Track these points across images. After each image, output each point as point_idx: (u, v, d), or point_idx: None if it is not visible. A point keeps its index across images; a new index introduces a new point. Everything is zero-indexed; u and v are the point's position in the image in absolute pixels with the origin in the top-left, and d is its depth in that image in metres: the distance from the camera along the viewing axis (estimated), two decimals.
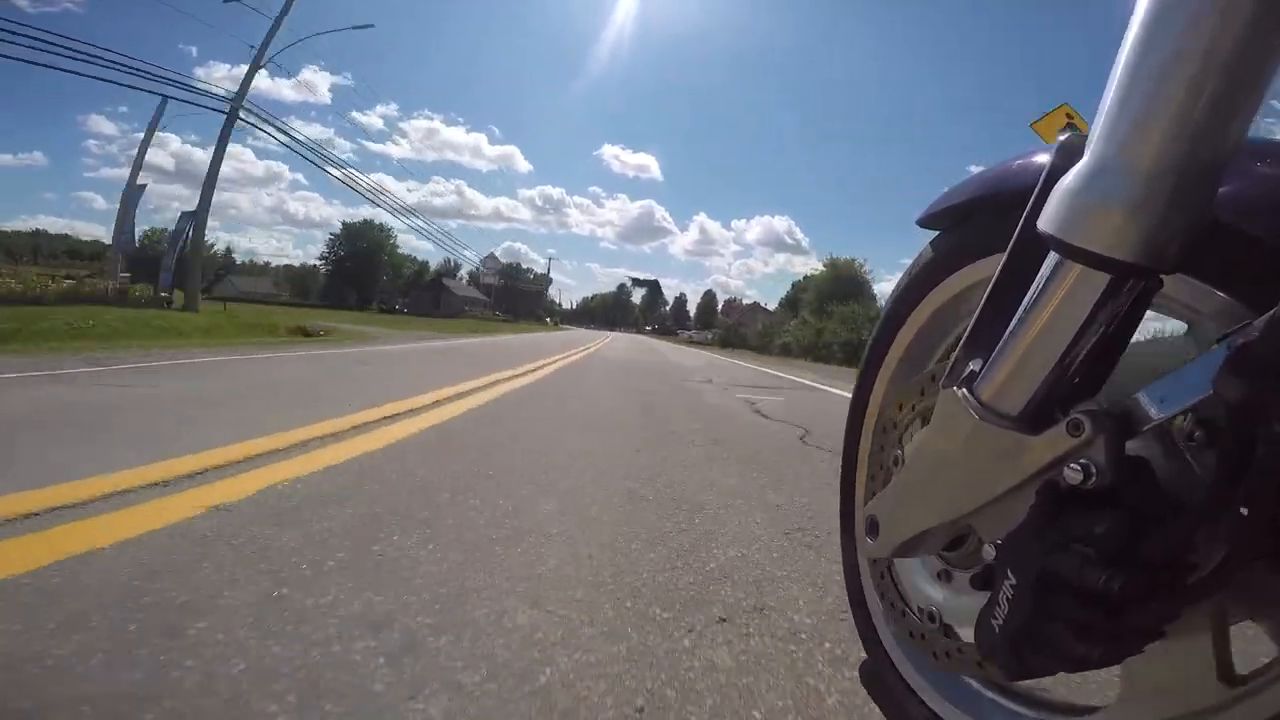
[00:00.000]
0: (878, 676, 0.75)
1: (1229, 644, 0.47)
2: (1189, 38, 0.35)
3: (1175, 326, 0.51)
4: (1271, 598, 0.43)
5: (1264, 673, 0.45)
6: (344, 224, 72.07)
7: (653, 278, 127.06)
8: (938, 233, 0.73)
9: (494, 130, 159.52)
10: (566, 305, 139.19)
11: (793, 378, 9.39)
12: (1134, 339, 0.45)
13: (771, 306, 75.99)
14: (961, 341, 0.54)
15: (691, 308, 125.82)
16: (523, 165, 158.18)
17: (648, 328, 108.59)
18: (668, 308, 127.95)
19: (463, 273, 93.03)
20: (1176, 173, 0.37)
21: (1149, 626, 0.40)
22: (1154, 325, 0.50)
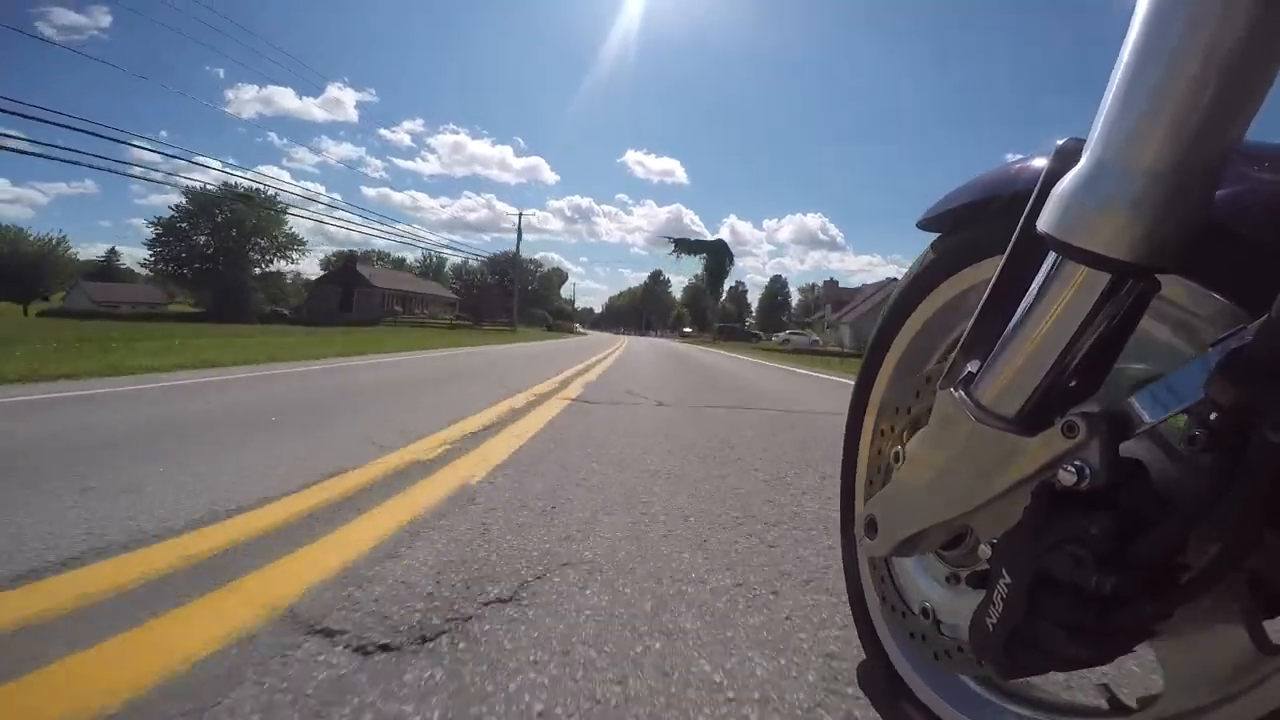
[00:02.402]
0: (875, 675, 0.75)
1: (1259, 616, 0.45)
2: (1188, 40, 0.36)
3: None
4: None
5: None
6: (188, 194, 43.31)
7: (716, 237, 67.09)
8: (938, 235, 0.73)
9: (519, 142, 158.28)
10: (596, 309, 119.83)
11: None
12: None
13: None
14: (960, 343, 0.54)
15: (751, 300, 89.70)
16: (549, 176, 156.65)
17: (687, 329, 71.53)
18: (723, 300, 78.28)
19: (448, 267, 75.12)
20: (1175, 174, 0.38)
21: (1141, 626, 0.41)
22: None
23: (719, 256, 52.74)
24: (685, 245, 53.91)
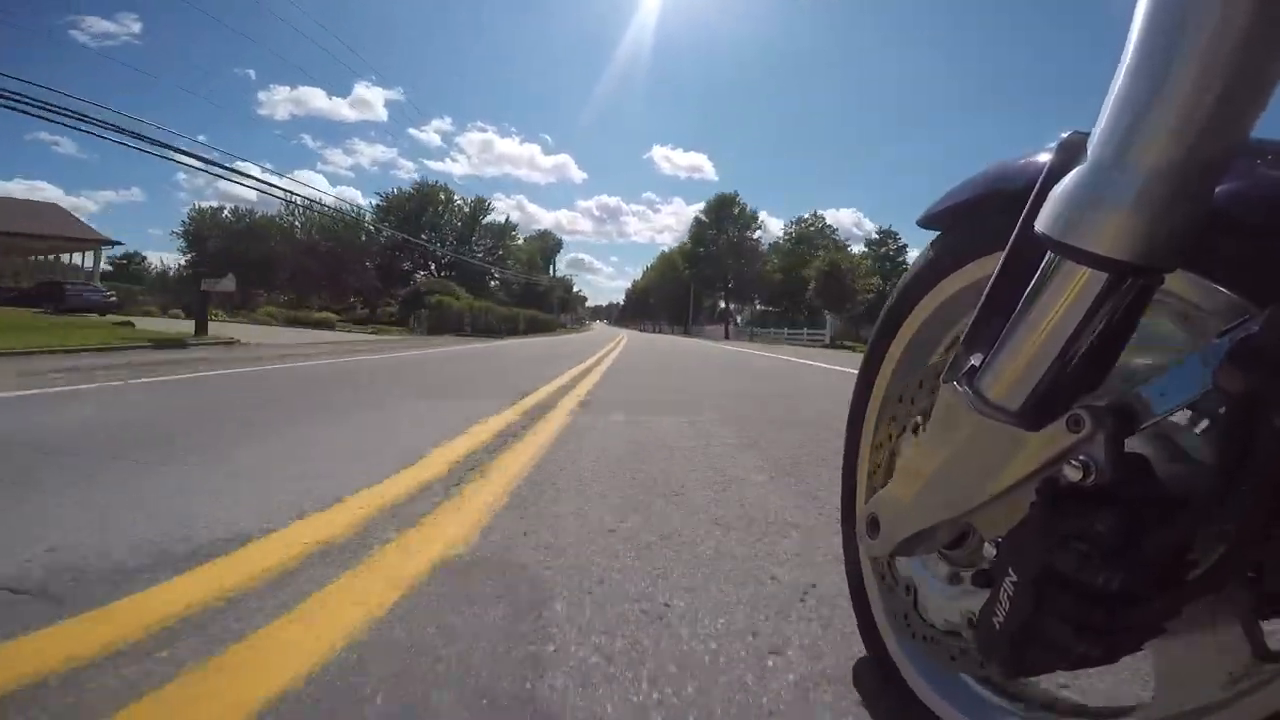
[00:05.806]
0: (876, 676, 0.74)
1: (1259, 622, 0.45)
2: (1190, 38, 0.35)
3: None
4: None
5: None
6: None
7: None
8: (939, 232, 0.73)
9: (546, 139, 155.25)
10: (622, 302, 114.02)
11: None
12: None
13: None
14: (962, 338, 0.54)
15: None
16: (577, 174, 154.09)
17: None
18: (812, 287, 36.23)
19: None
20: (1177, 173, 0.37)
21: (1149, 624, 0.40)
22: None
23: None
24: None
